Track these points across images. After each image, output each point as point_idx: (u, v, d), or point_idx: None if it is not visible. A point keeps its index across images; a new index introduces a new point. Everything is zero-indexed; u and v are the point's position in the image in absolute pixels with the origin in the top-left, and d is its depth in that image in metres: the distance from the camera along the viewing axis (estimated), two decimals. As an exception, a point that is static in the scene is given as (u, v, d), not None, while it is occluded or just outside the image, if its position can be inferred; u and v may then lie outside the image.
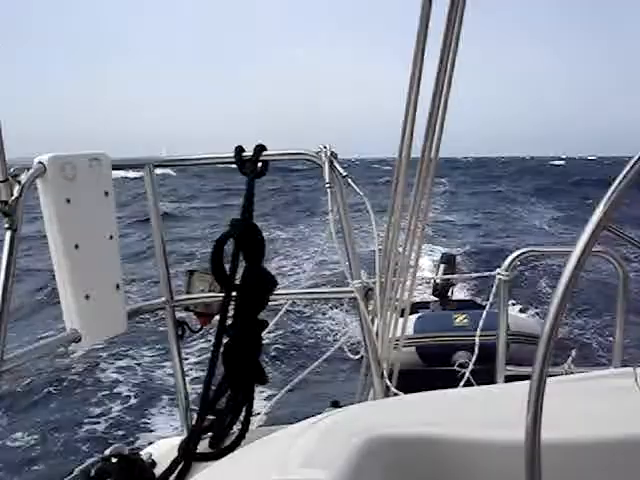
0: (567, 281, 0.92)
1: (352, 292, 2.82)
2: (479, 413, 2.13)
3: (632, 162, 0.95)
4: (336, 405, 3.47)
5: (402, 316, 3.14)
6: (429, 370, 7.67)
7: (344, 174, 2.74)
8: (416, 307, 10.01)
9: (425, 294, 10.93)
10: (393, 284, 2.85)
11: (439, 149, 2.61)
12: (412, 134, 2.61)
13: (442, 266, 9.67)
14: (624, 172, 0.97)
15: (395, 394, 2.87)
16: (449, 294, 10.01)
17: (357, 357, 3.11)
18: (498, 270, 3.64)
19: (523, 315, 9.61)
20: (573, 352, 4.30)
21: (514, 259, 3.59)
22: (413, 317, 9.28)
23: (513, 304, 10.01)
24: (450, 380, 7.25)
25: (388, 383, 2.92)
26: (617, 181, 0.97)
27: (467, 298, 11.10)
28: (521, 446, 1.12)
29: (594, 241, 0.92)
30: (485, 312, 8.81)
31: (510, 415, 1.32)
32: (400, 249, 2.87)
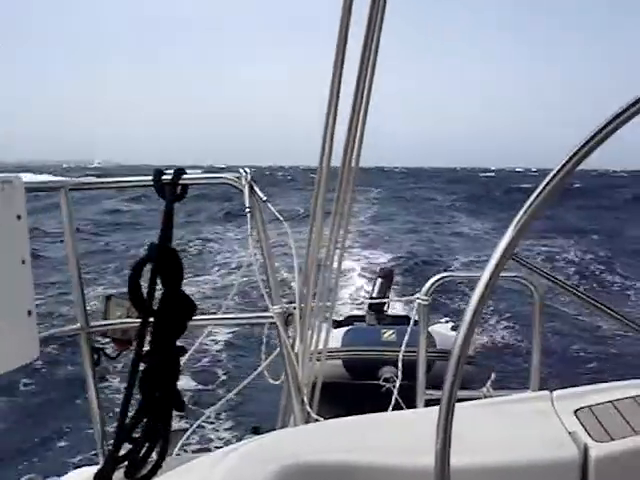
0: (474, 307, 0.92)
1: (272, 317, 2.80)
2: (397, 438, 2.13)
3: (536, 193, 0.95)
4: (257, 431, 3.45)
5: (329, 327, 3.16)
6: (355, 384, 7.68)
7: (264, 198, 2.73)
8: (352, 320, 10.07)
9: (361, 309, 11.01)
10: (313, 308, 2.84)
11: (359, 158, 2.60)
12: (332, 144, 2.61)
13: (379, 280, 9.72)
14: (528, 203, 0.96)
15: (316, 420, 2.85)
16: (385, 308, 10.08)
17: (278, 382, 3.09)
18: (417, 295, 3.68)
19: (454, 333, 9.71)
20: (492, 375, 4.35)
21: (433, 284, 3.63)
22: (342, 330, 9.32)
23: (447, 321, 10.08)
24: (375, 394, 7.29)
25: (309, 409, 2.90)
26: (521, 212, 0.97)
27: (402, 314, 11.18)
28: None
29: (499, 270, 0.92)
30: (410, 329, 8.88)
31: (426, 440, 1.32)
32: (334, 264, 2.89)
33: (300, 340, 2.82)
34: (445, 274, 3.76)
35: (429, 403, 3.22)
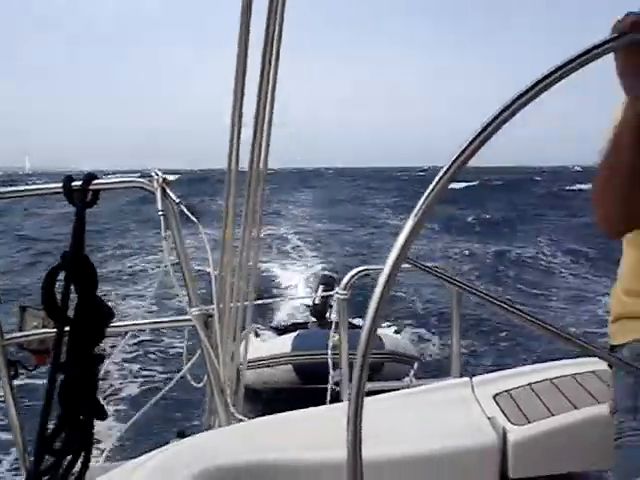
0: (376, 303, 0.93)
1: (191, 320, 2.78)
2: (315, 434, 2.15)
3: (425, 194, 0.95)
4: (182, 435, 3.41)
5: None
6: (306, 388, 7.67)
7: (177, 201, 2.71)
8: (295, 327, 10.09)
9: (304, 315, 11.01)
10: (231, 309, 2.82)
11: (267, 159, 2.58)
12: (239, 144, 2.59)
13: (321, 287, 9.74)
14: (419, 205, 0.97)
15: (240, 420, 2.85)
16: (327, 315, 10.12)
17: (200, 385, 3.07)
18: (337, 289, 3.70)
19: (398, 336, 9.79)
20: (415, 365, 4.41)
21: (351, 278, 3.65)
22: (291, 335, 9.33)
23: (389, 325, 10.17)
24: (322, 398, 7.33)
25: (232, 410, 2.89)
26: (413, 213, 0.97)
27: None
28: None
29: (396, 272, 0.93)
30: (358, 332, 8.92)
31: (343, 434, 1.33)
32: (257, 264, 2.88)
33: (220, 341, 2.80)
34: (362, 268, 3.79)
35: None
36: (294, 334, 9.37)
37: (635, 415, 1.72)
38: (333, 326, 3.85)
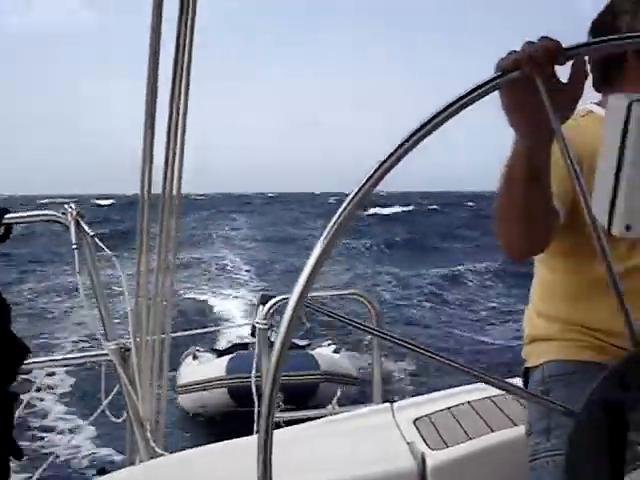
0: (284, 333, 0.93)
1: (108, 355, 2.74)
2: (240, 467, 2.13)
3: (329, 228, 0.96)
4: (102, 472, 3.34)
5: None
6: (240, 411, 7.58)
7: (91, 234, 2.67)
8: (236, 348, 9.94)
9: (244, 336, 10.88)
10: (148, 342, 2.78)
11: (180, 184, 2.51)
12: (151, 170, 2.53)
13: (261, 307, 9.62)
14: (325, 233, 0.97)
15: (161, 455, 2.81)
16: (269, 335, 9.96)
17: (120, 420, 3.02)
18: (257, 319, 3.69)
19: (336, 355, 9.75)
20: (338, 392, 4.41)
21: (271, 307, 3.65)
22: (226, 358, 9.20)
23: (329, 344, 10.13)
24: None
25: (152, 444, 2.85)
26: (320, 241, 0.97)
27: None
28: None
29: (302, 303, 0.94)
30: (297, 353, 8.94)
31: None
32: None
33: (138, 376, 2.76)
34: (280, 297, 3.79)
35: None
36: (229, 357, 9.29)
37: (548, 436, 1.76)
38: (257, 349, 3.81)
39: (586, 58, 1.44)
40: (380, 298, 19.30)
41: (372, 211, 51.95)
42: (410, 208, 57.74)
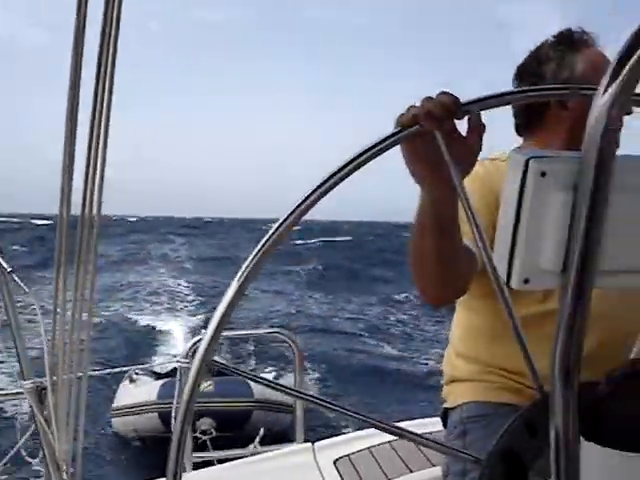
0: (196, 371, 0.93)
1: (23, 394, 2.65)
2: None
3: (261, 243, 0.96)
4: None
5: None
6: (171, 437, 7.46)
7: (9, 269, 2.59)
8: (176, 371, 9.76)
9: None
10: (64, 380, 2.68)
11: (100, 206, 2.34)
12: (70, 191, 2.39)
13: (203, 331, 9.59)
14: (241, 271, 0.97)
15: None
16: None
17: (36, 460, 2.93)
18: (178, 358, 3.65)
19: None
20: (261, 432, 4.37)
21: (193, 345, 3.61)
22: (158, 383, 9.11)
23: (270, 371, 10.09)
24: (193, 446, 7.17)
25: None
26: (236, 279, 0.97)
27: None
28: None
29: (216, 341, 0.93)
30: (232, 379, 8.86)
31: None
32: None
33: (54, 415, 2.67)
34: (198, 338, 3.76)
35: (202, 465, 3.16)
36: (163, 381, 9.20)
37: (464, 478, 1.76)
38: (178, 376, 3.76)
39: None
40: (311, 327, 19.36)
41: (314, 240, 52.16)
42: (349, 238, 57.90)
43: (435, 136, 1.13)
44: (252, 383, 8.57)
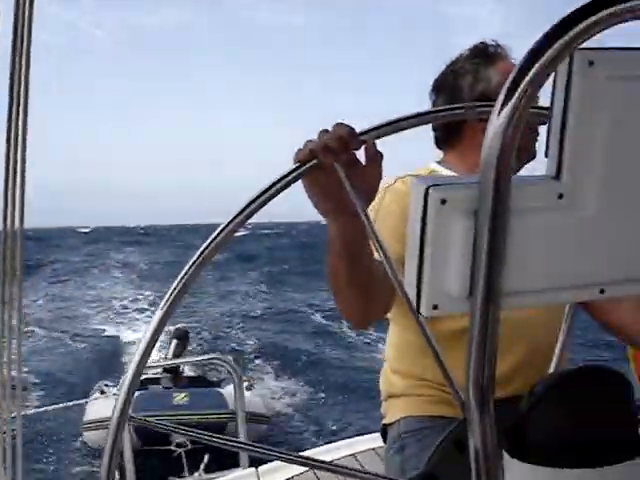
0: (127, 386, 0.94)
1: None
2: None
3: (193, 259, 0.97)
4: None
5: None
6: (146, 450, 7.32)
7: None
8: (147, 383, 9.65)
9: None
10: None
11: (23, 216, 2.18)
12: None
13: (174, 341, 9.46)
14: (182, 273, 0.98)
15: None
16: (180, 369, 9.84)
17: None
18: (115, 391, 3.57)
19: (248, 393, 9.45)
20: (205, 458, 4.31)
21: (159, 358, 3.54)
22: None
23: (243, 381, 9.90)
24: (167, 460, 7.09)
25: None
26: (160, 306, 0.98)
27: (198, 374, 10.96)
28: None
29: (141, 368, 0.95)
30: (206, 391, 8.77)
31: None
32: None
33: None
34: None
35: None
36: (135, 394, 9.03)
37: None
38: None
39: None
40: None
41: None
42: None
43: (335, 168, 1.16)
44: (227, 394, 8.49)
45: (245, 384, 9.33)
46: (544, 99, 0.86)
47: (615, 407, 0.99)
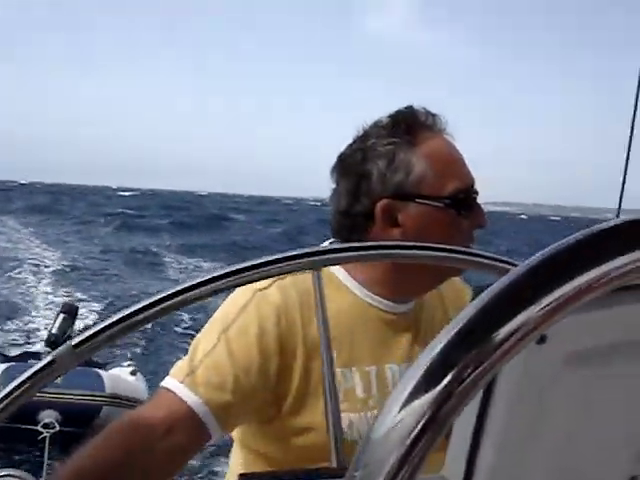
0: None
1: None
2: None
3: None
4: None
5: None
6: (11, 427, 6.79)
7: None
8: (27, 357, 8.71)
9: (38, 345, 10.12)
10: None
11: None
12: None
13: (61, 316, 8.75)
14: None
15: None
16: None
17: None
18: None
19: (132, 378, 8.54)
20: None
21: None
22: (2, 367, 7.95)
23: (128, 364, 9.08)
24: (33, 441, 6.58)
25: None
26: None
27: None
28: None
29: None
30: (84, 371, 8.03)
31: None
32: None
33: None
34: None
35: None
36: (4, 366, 8.04)
37: None
38: None
39: None
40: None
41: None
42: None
43: None
44: (107, 377, 7.74)
45: (131, 369, 8.49)
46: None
47: None
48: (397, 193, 1.50)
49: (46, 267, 22.11)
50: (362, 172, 1.52)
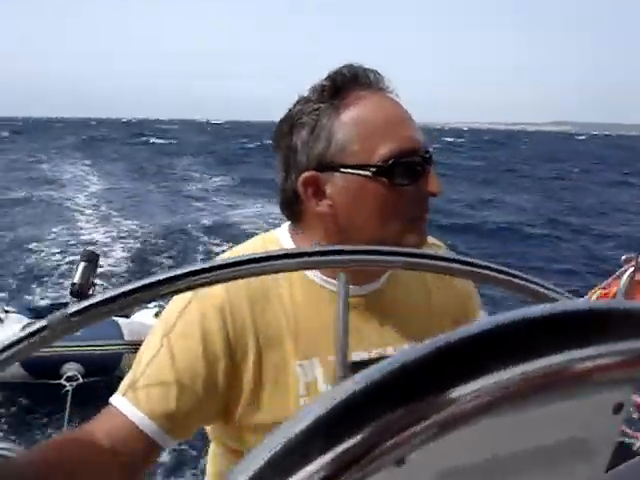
0: None
1: None
2: None
3: None
4: None
5: None
6: (35, 384, 6.74)
7: None
8: (51, 309, 8.43)
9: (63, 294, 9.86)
10: None
11: None
12: None
13: (82, 264, 8.51)
14: None
15: None
16: (90, 294, 9.04)
17: None
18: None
19: (151, 322, 7.68)
20: None
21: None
22: (17, 325, 7.69)
23: (155, 306, 8.70)
24: (57, 395, 6.57)
25: None
26: None
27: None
28: None
29: None
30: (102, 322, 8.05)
31: None
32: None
33: None
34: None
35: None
36: (19, 325, 7.58)
37: None
38: None
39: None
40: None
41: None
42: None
43: None
44: (125, 325, 7.59)
45: (155, 310, 8.10)
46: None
47: None
48: (320, 164, 1.34)
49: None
50: (289, 145, 1.37)
